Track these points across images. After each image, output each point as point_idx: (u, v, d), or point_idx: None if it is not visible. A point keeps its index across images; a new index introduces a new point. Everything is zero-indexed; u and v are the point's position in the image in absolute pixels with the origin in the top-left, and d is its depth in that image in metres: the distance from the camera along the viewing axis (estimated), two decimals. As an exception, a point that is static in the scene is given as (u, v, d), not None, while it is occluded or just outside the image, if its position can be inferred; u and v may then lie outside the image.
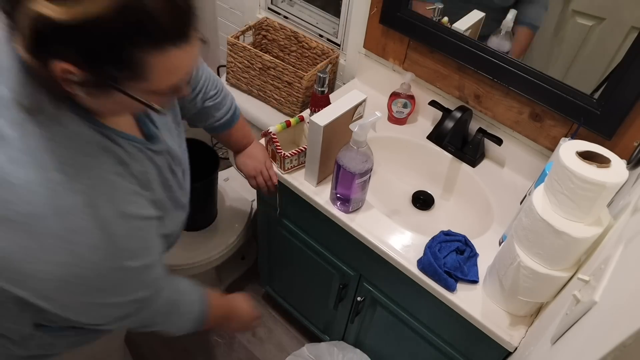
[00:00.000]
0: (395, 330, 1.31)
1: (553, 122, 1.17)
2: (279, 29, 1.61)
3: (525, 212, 0.87)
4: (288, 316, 1.90)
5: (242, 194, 1.82)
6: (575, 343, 0.62)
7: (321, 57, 1.55)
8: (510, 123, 1.24)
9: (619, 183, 0.76)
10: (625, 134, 1.06)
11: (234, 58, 1.55)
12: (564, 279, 0.87)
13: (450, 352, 1.18)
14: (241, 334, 1.84)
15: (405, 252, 1.11)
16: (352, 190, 1.11)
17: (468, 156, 1.30)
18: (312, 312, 1.66)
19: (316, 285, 1.50)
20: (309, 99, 1.48)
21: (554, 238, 0.82)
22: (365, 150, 1.05)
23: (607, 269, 0.64)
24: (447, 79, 1.31)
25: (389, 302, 1.26)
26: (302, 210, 1.28)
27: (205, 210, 1.66)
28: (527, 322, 1.01)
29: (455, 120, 1.23)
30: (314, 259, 1.41)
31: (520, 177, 1.30)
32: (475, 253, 1.09)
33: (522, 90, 1.15)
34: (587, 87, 1.07)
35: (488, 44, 1.19)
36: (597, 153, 0.79)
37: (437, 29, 1.23)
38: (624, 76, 0.98)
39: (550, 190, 0.83)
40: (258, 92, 1.59)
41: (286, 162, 1.22)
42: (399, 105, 1.36)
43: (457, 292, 1.05)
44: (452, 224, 1.23)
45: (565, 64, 1.12)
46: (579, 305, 0.67)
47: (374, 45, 1.41)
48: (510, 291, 0.94)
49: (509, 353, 1.02)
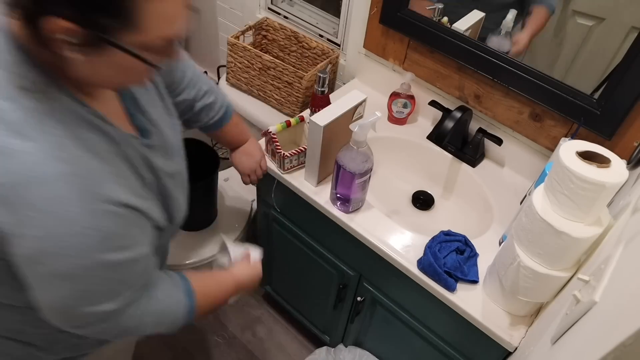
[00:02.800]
0: (395, 330, 1.31)
1: (553, 122, 1.17)
2: (279, 29, 1.61)
3: (525, 212, 0.87)
4: (288, 316, 1.90)
5: (242, 194, 1.82)
6: (575, 343, 0.62)
7: (321, 57, 1.55)
8: (510, 123, 1.24)
9: (619, 183, 0.76)
10: (625, 134, 1.06)
11: (234, 58, 1.55)
12: (564, 279, 0.87)
13: (450, 352, 1.18)
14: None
15: (405, 252, 1.11)
16: (352, 190, 1.11)
17: (468, 156, 1.30)
18: (312, 312, 1.66)
19: (316, 285, 1.50)
20: (309, 99, 1.48)
21: (554, 238, 0.82)
22: (365, 150, 1.05)
23: (607, 269, 0.64)
24: (447, 79, 1.31)
25: (389, 302, 1.26)
26: (302, 210, 1.28)
27: (205, 210, 1.66)
28: (527, 322, 1.01)
29: (455, 120, 1.23)
30: (314, 259, 1.41)
31: (520, 177, 1.30)
32: (475, 253, 1.09)
33: (522, 90, 1.15)
34: (587, 87, 1.07)
35: (488, 44, 1.19)
36: (597, 153, 0.79)
37: (437, 29, 1.23)
38: (624, 76, 0.98)
39: (550, 190, 0.83)
40: (258, 92, 1.59)
41: (286, 162, 1.22)
42: (399, 105, 1.36)
43: (457, 292, 1.05)
44: (452, 224, 1.23)
45: (565, 64, 1.12)
46: (579, 305, 0.67)
47: (374, 45, 1.41)
48: (510, 291, 0.94)
49: (509, 353, 1.02)
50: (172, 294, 0.84)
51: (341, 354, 1.50)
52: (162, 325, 0.84)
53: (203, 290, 0.90)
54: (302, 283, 1.57)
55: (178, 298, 0.85)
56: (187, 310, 0.86)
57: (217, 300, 0.95)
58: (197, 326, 1.87)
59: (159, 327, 0.83)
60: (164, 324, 0.84)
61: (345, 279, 1.35)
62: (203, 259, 1.62)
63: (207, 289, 0.93)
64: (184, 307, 0.85)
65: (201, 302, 0.89)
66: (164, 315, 0.83)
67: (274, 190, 1.34)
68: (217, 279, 0.98)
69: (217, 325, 1.88)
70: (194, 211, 1.63)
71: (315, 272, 1.45)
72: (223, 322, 1.89)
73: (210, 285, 0.95)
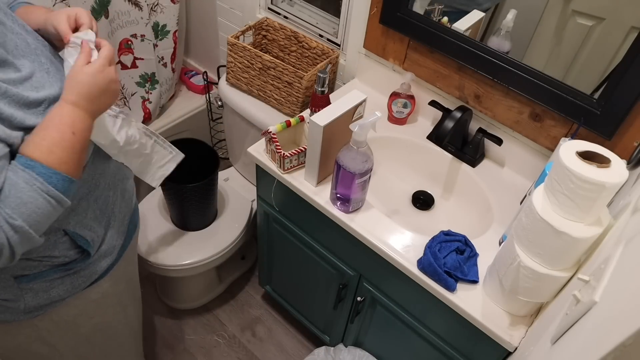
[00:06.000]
0: (395, 330, 1.31)
1: (553, 122, 1.17)
2: (279, 29, 1.61)
3: (525, 212, 0.87)
4: (288, 316, 1.90)
5: (242, 194, 1.82)
6: (575, 343, 0.62)
7: (321, 57, 1.55)
8: (510, 123, 1.24)
9: (619, 183, 0.76)
10: (625, 134, 1.06)
11: (234, 58, 1.55)
12: (564, 279, 0.87)
13: (450, 352, 1.18)
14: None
15: (405, 252, 1.11)
16: (352, 190, 1.11)
17: (468, 156, 1.30)
18: (312, 312, 1.66)
19: (316, 285, 1.50)
20: (309, 99, 1.48)
21: (554, 238, 0.82)
22: (365, 150, 1.05)
23: (607, 269, 0.64)
24: (447, 79, 1.31)
25: (389, 302, 1.26)
26: (302, 210, 1.28)
27: (205, 210, 1.66)
28: (527, 322, 1.01)
29: (455, 120, 1.23)
30: (314, 258, 1.41)
31: (520, 177, 1.30)
32: (475, 253, 1.09)
33: (522, 90, 1.15)
34: (587, 87, 1.07)
35: (488, 44, 1.19)
36: (597, 153, 0.79)
37: (437, 29, 1.23)
38: (624, 76, 0.98)
39: (550, 190, 0.83)
40: (258, 92, 1.59)
41: (286, 162, 1.22)
42: (399, 105, 1.36)
43: (457, 292, 1.05)
44: (452, 224, 1.23)
45: (565, 64, 1.12)
46: (579, 305, 0.67)
47: (374, 45, 1.41)
48: (510, 291, 0.94)
49: (509, 353, 1.02)
50: (16, 182, 0.73)
51: (341, 354, 1.50)
52: (36, 213, 0.74)
53: (39, 148, 0.75)
54: (302, 283, 1.57)
55: (23, 178, 0.73)
56: (42, 180, 0.74)
57: (62, 137, 0.77)
58: (197, 326, 1.87)
59: (34, 216, 0.74)
60: (36, 210, 0.74)
61: (345, 279, 1.35)
62: (203, 259, 1.62)
63: (42, 141, 0.76)
64: (34, 180, 0.74)
65: (48, 158, 0.75)
66: (24, 205, 0.73)
67: (274, 190, 1.34)
68: (45, 121, 0.78)
69: (217, 325, 1.88)
70: (194, 211, 1.65)
71: (315, 272, 1.45)
72: (223, 322, 1.89)
73: (40, 135, 0.77)
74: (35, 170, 0.74)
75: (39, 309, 0.97)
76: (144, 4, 1.70)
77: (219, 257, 1.66)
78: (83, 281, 1.01)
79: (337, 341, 1.58)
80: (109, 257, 1.05)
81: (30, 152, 0.75)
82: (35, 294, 0.94)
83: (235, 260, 1.93)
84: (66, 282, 0.98)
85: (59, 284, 0.97)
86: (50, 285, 0.95)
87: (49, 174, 0.75)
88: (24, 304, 0.94)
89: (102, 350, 1.23)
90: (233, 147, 1.88)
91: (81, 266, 0.98)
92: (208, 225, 1.71)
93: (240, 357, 1.80)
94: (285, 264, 1.58)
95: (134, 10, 1.69)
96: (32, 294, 0.94)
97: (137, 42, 1.76)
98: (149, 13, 1.74)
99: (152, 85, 1.88)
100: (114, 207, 1.04)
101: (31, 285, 0.93)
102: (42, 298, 0.96)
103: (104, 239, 1.02)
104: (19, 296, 0.93)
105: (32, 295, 0.94)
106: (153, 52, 1.82)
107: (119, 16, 1.65)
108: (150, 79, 1.86)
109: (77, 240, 0.94)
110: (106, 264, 1.05)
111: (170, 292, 1.88)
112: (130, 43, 1.75)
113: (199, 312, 1.90)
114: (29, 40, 0.85)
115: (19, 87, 0.77)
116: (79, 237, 0.94)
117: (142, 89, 1.86)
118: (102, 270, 1.05)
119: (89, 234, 0.96)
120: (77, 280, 1.00)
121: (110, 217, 1.03)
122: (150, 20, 1.76)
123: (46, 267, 0.93)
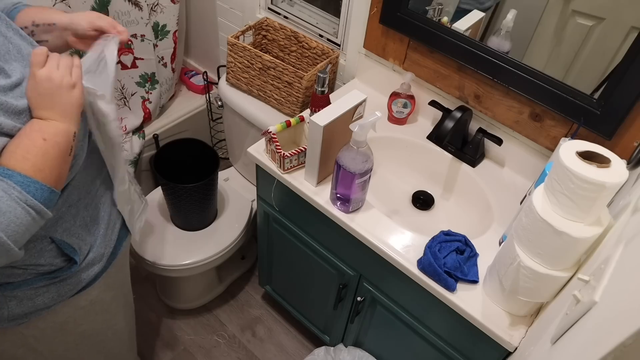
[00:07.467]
0: (395, 330, 1.31)
1: (553, 122, 1.17)
2: (279, 29, 1.61)
3: (525, 212, 0.87)
4: (288, 316, 1.90)
5: (242, 194, 1.82)
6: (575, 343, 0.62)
7: (321, 57, 1.55)
8: (510, 123, 1.24)
9: (619, 183, 0.76)
10: (625, 134, 1.06)
11: (234, 58, 1.55)
12: (564, 279, 0.87)
13: (450, 352, 1.18)
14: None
15: (405, 252, 1.11)
16: (352, 190, 1.11)
17: (468, 156, 1.30)
18: (312, 312, 1.66)
19: (316, 285, 1.50)
20: (309, 99, 1.48)
21: (554, 238, 0.82)
22: (365, 150, 1.05)
23: (607, 269, 0.64)
24: (447, 79, 1.31)
25: (389, 302, 1.26)
26: (302, 210, 1.28)
27: (205, 210, 1.66)
28: (527, 322, 1.01)
29: (455, 120, 1.23)
30: (314, 258, 1.41)
31: (520, 177, 1.30)
32: (475, 253, 1.09)
33: (522, 90, 1.15)
34: (587, 87, 1.07)
35: (488, 44, 1.19)
36: (597, 153, 0.79)
37: (437, 29, 1.23)
38: (624, 76, 0.98)
39: (550, 190, 0.83)
40: (258, 92, 1.59)
41: (286, 162, 1.22)
42: (399, 105, 1.36)
43: (457, 292, 1.05)
44: (452, 224, 1.23)
45: (565, 64, 1.12)
46: (579, 305, 0.67)
47: (374, 45, 1.41)
48: (510, 291, 0.94)
49: (509, 353, 1.02)
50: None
51: (341, 354, 1.50)
52: (15, 223, 0.73)
53: (14, 156, 0.75)
54: (302, 283, 1.57)
55: (0, 187, 0.72)
56: (19, 188, 0.73)
57: (34, 144, 0.77)
58: (197, 326, 1.87)
59: (13, 226, 0.73)
60: (14, 220, 0.73)
61: (345, 279, 1.35)
62: (203, 259, 1.62)
63: (16, 149, 0.76)
64: (12, 189, 0.73)
65: (23, 165, 0.75)
66: (2, 214, 0.71)
67: (274, 190, 1.34)
68: (20, 131, 0.78)
69: (217, 325, 1.88)
70: (194, 211, 1.65)
71: (315, 272, 1.45)
72: (223, 322, 1.89)
73: (14, 143, 0.77)
74: (13, 179, 0.73)
75: (23, 316, 0.95)
76: (144, 4, 1.70)
77: (219, 257, 1.66)
78: (69, 289, 0.99)
79: (337, 341, 1.58)
80: (97, 265, 1.03)
81: (5, 161, 0.75)
82: (19, 301, 0.92)
83: (235, 260, 1.93)
84: (52, 290, 0.96)
85: (44, 292, 0.95)
86: (35, 293, 0.93)
87: (26, 182, 0.74)
88: (7, 311, 0.92)
89: (90, 357, 1.21)
90: (233, 147, 1.88)
91: (67, 274, 0.96)
92: (208, 225, 1.71)
93: (240, 357, 1.80)
94: (286, 264, 1.58)
95: (134, 10, 1.69)
96: (17, 301, 0.92)
97: (137, 42, 1.76)
98: (149, 13, 1.74)
99: (152, 85, 1.88)
100: (105, 214, 1.03)
101: (15, 293, 0.91)
102: (27, 306, 0.94)
103: (92, 246, 1.00)
104: (2, 304, 0.91)
105: (17, 302, 0.92)
106: (153, 52, 1.82)
107: (118, 16, 1.66)
108: (150, 79, 1.86)
109: (64, 249, 0.92)
110: (94, 272, 1.02)
111: (170, 292, 1.88)
112: (130, 43, 1.75)
113: (199, 312, 1.90)
114: (23, 45, 0.85)
115: (8, 94, 0.77)
116: (66, 245, 0.92)
117: (142, 89, 1.86)
118: (90, 278, 1.02)
119: (76, 242, 0.94)
120: (63, 288, 0.97)
121: (101, 224, 1.01)
122: (150, 20, 1.76)
123: (31, 275, 0.91)
